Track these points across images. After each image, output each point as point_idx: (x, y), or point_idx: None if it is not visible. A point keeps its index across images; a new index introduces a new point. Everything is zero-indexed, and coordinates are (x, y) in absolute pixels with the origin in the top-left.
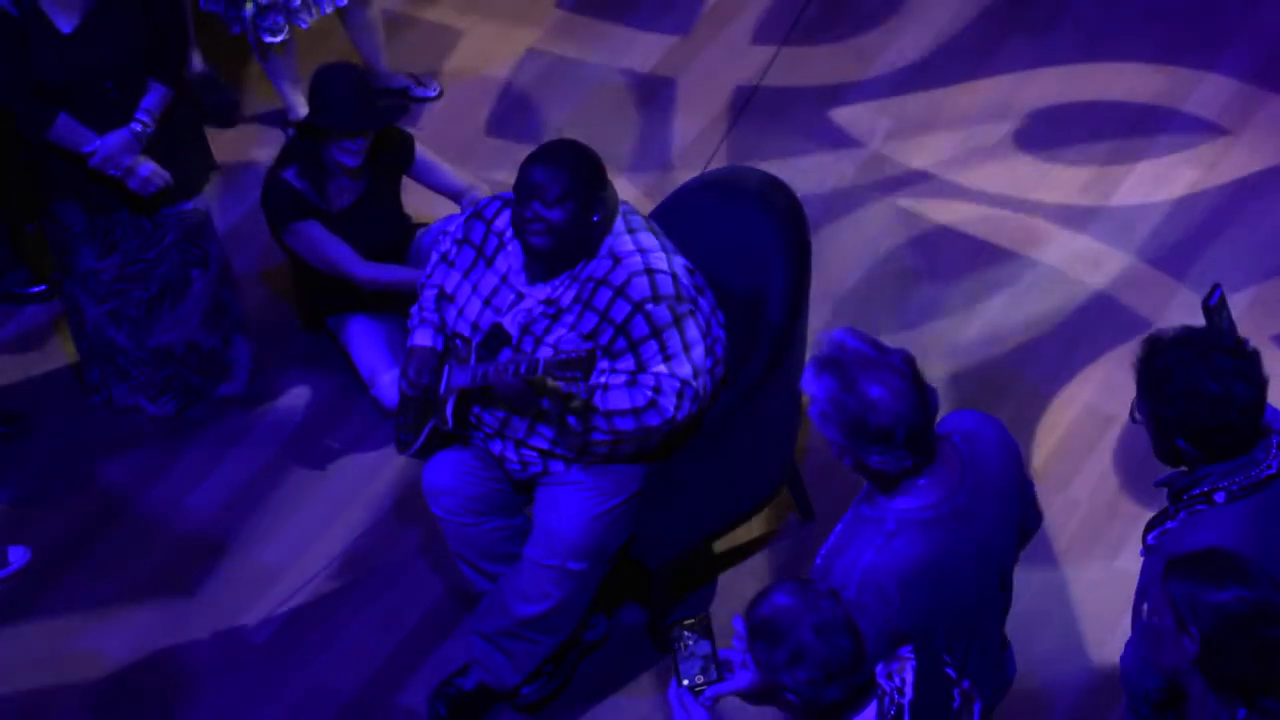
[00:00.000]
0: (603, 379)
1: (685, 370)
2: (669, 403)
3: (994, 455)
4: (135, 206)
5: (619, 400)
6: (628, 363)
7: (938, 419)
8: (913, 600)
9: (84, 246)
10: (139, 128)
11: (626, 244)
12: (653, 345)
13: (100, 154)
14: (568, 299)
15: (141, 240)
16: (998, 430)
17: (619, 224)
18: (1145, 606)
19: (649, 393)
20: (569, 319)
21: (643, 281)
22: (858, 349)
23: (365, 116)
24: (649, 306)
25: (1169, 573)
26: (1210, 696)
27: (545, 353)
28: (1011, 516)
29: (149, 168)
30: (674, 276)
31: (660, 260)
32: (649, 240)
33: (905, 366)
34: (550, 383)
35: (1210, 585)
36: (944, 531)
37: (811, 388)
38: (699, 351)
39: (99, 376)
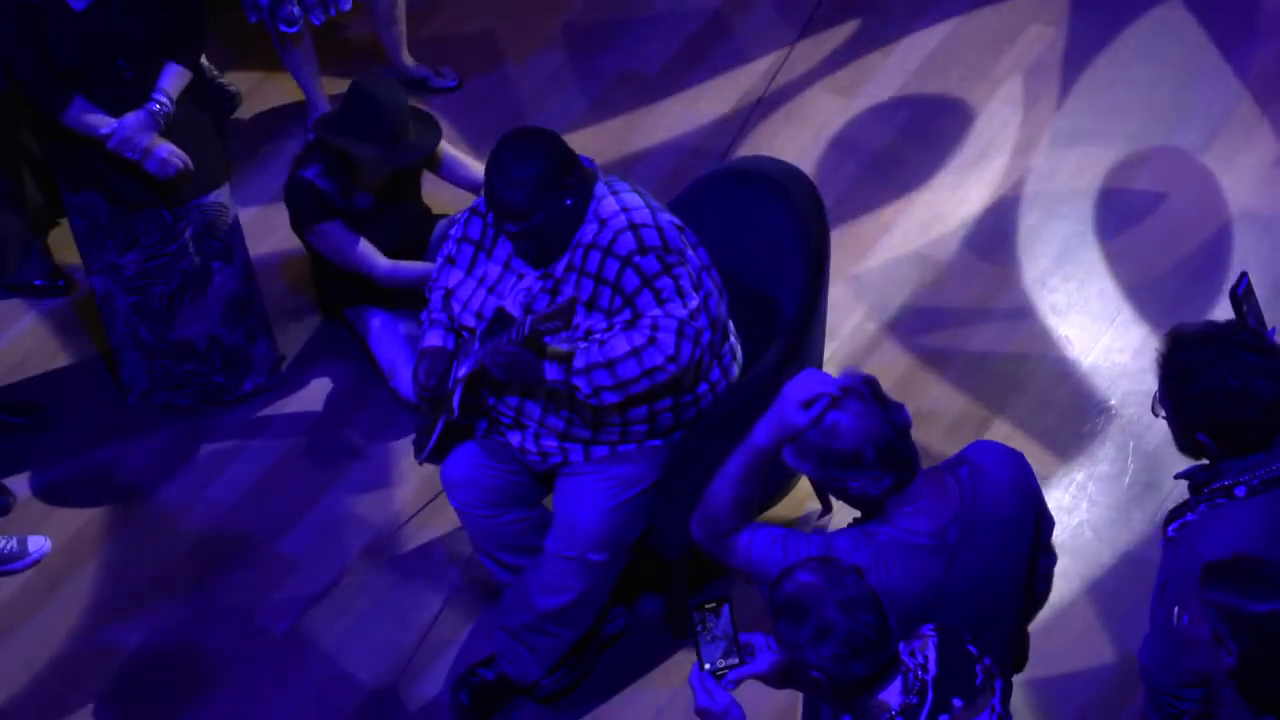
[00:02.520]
0: (599, 334)
1: (682, 312)
2: (668, 340)
3: (1002, 493)
4: (157, 194)
5: (618, 346)
6: (625, 317)
7: (957, 451)
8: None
9: (108, 239)
10: (156, 107)
11: (610, 205)
12: (646, 294)
13: (118, 135)
14: (560, 268)
15: (162, 234)
16: (1014, 468)
17: (601, 189)
18: (1176, 610)
19: (647, 331)
20: (567, 289)
21: (628, 237)
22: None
23: (395, 153)
24: (636, 259)
25: (1207, 580)
26: (1243, 707)
27: None
28: (1015, 557)
29: (166, 149)
30: (659, 229)
31: (644, 215)
32: (632, 199)
33: (863, 388)
34: (545, 343)
35: (1250, 598)
36: (926, 562)
37: None
38: (691, 299)
39: (132, 372)
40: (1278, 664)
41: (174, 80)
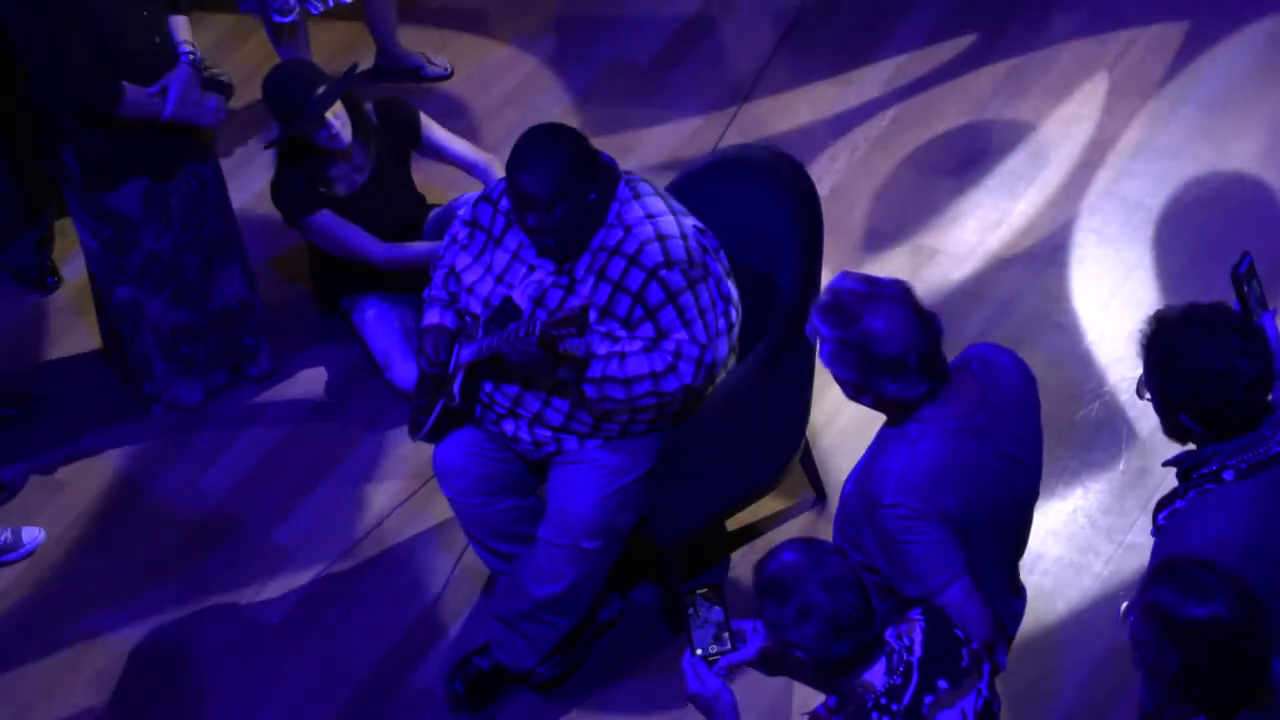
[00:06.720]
0: (619, 347)
1: (703, 336)
2: (688, 368)
3: (1012, 381)
4: (154, 173)
5: (638, 366)
6: (647, 330)
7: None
8: (945, 493)
9: (140, 234)
10: (190, 58)
11: (635, 211)
12: (670, 311)
13: (173, 98)
14: (580, 269)
15: (191, 205)
16: (1014, 359)
17: (624, 191)
18: (1124, 606)
19: (669, 358)
20: (584, 290)
21: (655, 248)
22: (852, 288)
23: (320, 102)
24: (663, 272)
25: (1150, 583)
26: (1176, 699)
27: None
28: (1033, 440)
29: (215, 98)
30: (684, 239)
31: (670, 225)
32: (657, 204)
33: (903, 294)
34: (558, 347)
35: (1185, 600)
36: (966, 442)
37: (817, 333)
38: (712, 317)
39: (159, 383)
40: (1211, 667)
41: (186, 30)
